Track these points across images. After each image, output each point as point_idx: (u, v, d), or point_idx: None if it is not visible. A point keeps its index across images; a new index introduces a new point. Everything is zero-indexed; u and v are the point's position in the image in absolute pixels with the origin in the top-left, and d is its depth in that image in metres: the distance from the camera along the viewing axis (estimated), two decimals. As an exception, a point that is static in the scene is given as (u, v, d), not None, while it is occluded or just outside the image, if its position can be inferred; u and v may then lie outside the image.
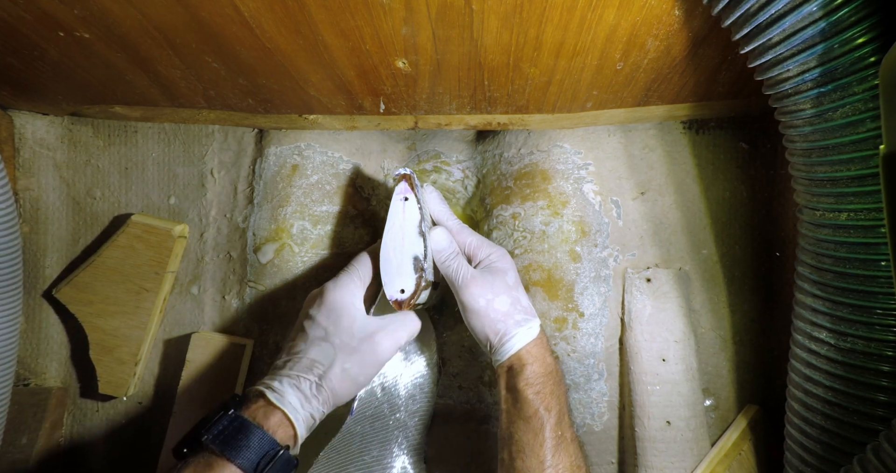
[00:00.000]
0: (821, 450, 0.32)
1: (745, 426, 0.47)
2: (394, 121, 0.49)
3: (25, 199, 0.53)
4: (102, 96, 0.47)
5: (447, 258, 0.40)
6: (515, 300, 0.39)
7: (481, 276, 0.39)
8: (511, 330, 0.38)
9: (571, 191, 0.49)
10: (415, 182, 0.41)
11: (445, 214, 0.43)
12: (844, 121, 0.28)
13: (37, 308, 0.53)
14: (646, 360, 0.46)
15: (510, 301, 0.39)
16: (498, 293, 0.39)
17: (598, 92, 0.43)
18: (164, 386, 0.52)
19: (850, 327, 0.30)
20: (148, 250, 0.49)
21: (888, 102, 0.25)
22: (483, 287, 0.38)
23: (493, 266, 0.41)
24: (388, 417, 0.44)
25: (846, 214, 0.30)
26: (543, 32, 0.35)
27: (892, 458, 0.25)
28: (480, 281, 0.39)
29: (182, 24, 0.35)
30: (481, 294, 0.38)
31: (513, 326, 0.38)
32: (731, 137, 0.49)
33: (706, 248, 0.49)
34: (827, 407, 0.32)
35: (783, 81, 0.31)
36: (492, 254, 0.41)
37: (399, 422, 0.45)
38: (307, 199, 0.50)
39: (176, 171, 0.53)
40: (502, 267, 0.41)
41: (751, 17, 0.29)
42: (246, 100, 0.46)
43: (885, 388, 0.29)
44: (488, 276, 0.39)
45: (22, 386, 0.52)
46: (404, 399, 0.45)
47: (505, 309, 0.38)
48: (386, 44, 0.36)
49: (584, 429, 0.48)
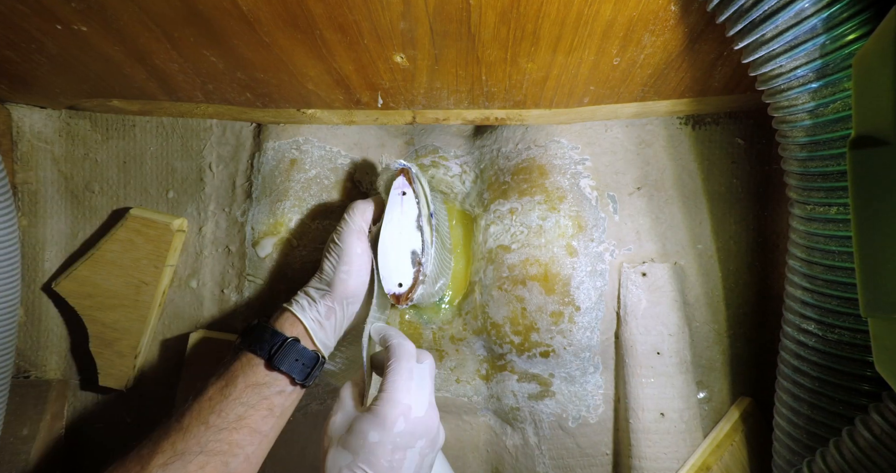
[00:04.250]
0: (807, 439, 0.33)
1: (737, 417, 0.48)
2: (392, 116, 0.49)
3: (24, 193, 0.53)
4: (100, 90, 0.47)
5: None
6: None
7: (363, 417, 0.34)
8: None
9: (568, 186, 0.49)
10: (413, 176, 0.41)
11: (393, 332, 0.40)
12: (835, 116, 0.29)
13: (36, 301, 0.53)
14: (641, 353, 0.47)
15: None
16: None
17: (595, 87, 0.43)
18: (163, 379, 0.52)
19: (837, 319, 0.31)
20: (147, 244, 0.50)
21: (858, 92, 0.25)
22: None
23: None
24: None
25: (836, 208, 0.31)
26: (541, 27, 0.35)
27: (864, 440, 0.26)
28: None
29: (180, 17, 0.35)
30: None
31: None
32: (726, 133, 0.49)
33: (701, 243, 0.50)
34: (814, 397, 0.32)
35: (776, 77, 0.31)
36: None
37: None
38: (305, 193, 0.50)
39: (174, 165, 0.53)
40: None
41: (744, 14, 0.30)
42: (244, 95, 0.46)
43: (869, 378, 0.30)
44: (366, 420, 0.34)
45: (22, 378, 0.52)
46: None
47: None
48: (384, 38, 0.36)
49: (580, 421, 0.49)
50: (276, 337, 0.37)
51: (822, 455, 0.30)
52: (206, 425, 0.33)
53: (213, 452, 0.33)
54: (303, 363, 0.37)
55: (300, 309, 0.40)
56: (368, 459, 0.32)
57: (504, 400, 0.51)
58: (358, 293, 0.41)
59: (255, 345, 0.37)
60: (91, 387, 0.53)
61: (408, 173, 0.41)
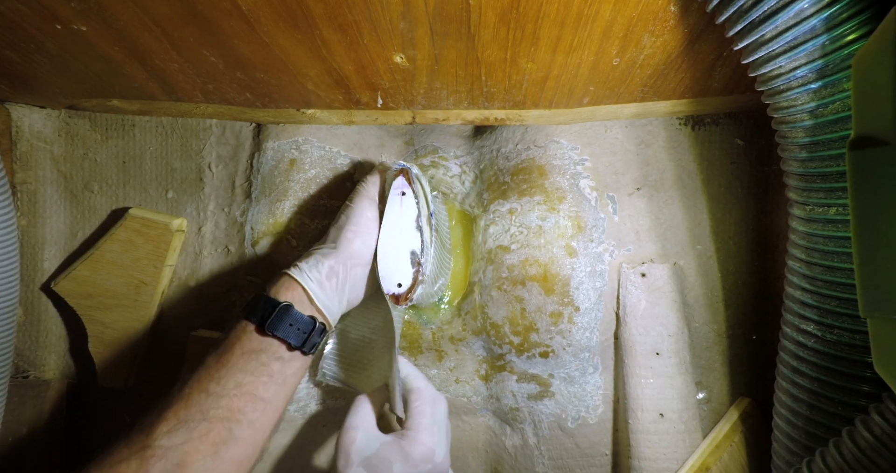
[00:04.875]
0: (806, 440, 0.33)
1: (736, 418, 0.48)
2: (391, 116, 0.49)
3: (23, 192, 0.53)
4: (100, 89, 0.47)
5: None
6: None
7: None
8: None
9: (568, 187, 0.49)
10: (412, 176, 0.41)
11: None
12: (835, 116, 0.29)
13: (35, 301, 0.53)
14: (640, 354, 0.47)
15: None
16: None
17: (595, 87, 0.43)
18: (163, 379, 0.52)
19: (836, 319, 0.31)
20: (146, 244, 0.50)
21: (858, 92, 0.25)
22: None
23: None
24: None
25: (835, 209, 0.31)
26: (540, 27, 0.35)
27: (864, 440, 0.26)
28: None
29: (180, 17, 0.35)
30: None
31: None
32: (726, 133, 0.49)
33: (701, 244, 0.50)
34: (813, 398, 0.32)
35: (775, 78, 0.31)
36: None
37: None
38: (305, 194, 0.50)
39: (174, 165, 0.53)
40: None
41: (744, 14, 0.30)
42: (244, 95, 0.46)
43: (868, 379, 0.30)
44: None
45: (21, 378, 0.52)
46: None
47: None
48: (384, 38, 0.36)
49: (580, 422, 0.49)
50: (268, 302, 0.36)
51: (822, 456, 0.30)
52: (207, 393, 0.33)
53: (216, 419, 0.32)
54: (298, 327, 0.36)
55: (298, 271, 0.38)
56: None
57: (503, 401, 0.51)
58: (362, 255, 0.40)
59: (250, 313, 0.36)
60: (90, 387, 0.53)
61: (407, 173, 0.41)
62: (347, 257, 0.39)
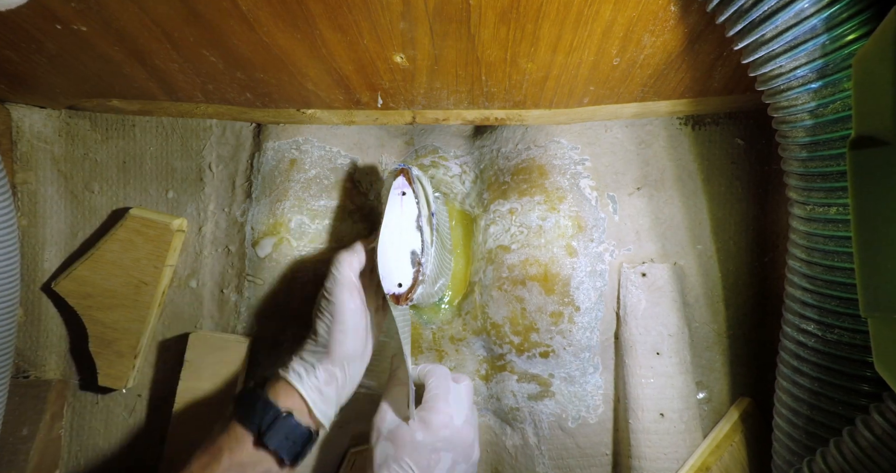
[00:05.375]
0: (806, 439, 0.33)
1: (737, 418, 0.48)
2: (392, 116, 0.49)
3: (23, 193, 0.53)
4: (100, 90, 0.47)
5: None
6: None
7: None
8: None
9: (568, 187, 0.49)
10: (413, 176, 0.41)
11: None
12: (835, 116, 0.29)
13: (36, 301, 0.53)
14: (640, 354, 0.47)
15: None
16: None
17: (595, 87, 0.43)
18: (163, 379, 0.52)
19: (837, 319, 0.31)
20: (146, 244, 0.50)
21: (858, 92, 0.25)
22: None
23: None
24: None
25: (836, 209, 0.31)
26: (540, 27, 0.35)
27: (865, 440, 0.26)
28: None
29: (180, 17, 0.35)
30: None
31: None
32: (726, 133, 0.49)
33: (701, 243, 0.50)
34: (813, 398, 0.32)
35: (776, 77, 0.31)
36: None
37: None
38: (305, 194, 0.50)
39: (174, 165, 0.53)
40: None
41: (744, 14, 0.30)
42: (244, 95, 0.46)
43: (868, 379, 0.30)
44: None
45: (22, 378, 0.52)
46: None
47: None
48: (383, 38, 0.36)
49: (580, 422, 0.49)
50: (268, 408, 0.35)
51: (823, 455, 0.30)
52: None
53: None
54: (293, 441, 0.35)
55: (297, 377, 0.37)
56: (412, 454, 0.37)
57: (504, 401, 0.51)
58: (357, 352, 0.39)
59: (245, 418, 0.35)
60: (91, 387, 0.53)
61: (407, 173, 0.41)
62: (343, 359, 0.38)
